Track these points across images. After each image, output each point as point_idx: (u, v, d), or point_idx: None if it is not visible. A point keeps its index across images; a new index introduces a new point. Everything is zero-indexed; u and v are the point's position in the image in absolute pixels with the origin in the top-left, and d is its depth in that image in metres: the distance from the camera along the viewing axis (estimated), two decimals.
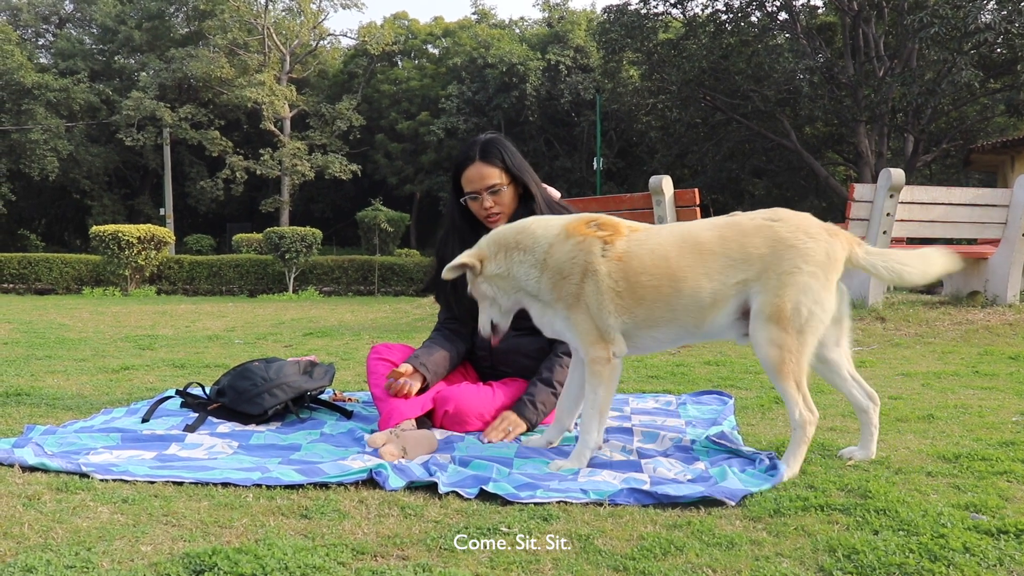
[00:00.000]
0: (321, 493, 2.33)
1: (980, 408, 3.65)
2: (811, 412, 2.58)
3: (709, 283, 2.61)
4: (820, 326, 2.58)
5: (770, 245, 2.58)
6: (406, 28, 38.34)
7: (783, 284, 2.54)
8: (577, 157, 33.50)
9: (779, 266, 2.55)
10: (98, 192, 35.71)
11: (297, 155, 32.46)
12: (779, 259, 2.56)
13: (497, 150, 3.22)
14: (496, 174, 3.20)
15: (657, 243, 2.68)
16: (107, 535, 1.97)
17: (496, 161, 3.21)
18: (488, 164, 3.20)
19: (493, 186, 3.20)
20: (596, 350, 2.68)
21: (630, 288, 2.64)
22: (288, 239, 16.55)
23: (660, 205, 7.98)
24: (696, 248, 2.64)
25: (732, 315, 2.65)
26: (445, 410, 3.15)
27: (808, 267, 2.55)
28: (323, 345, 6.59)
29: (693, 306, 2.64)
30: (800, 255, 2.56)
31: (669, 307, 2.65)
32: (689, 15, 25.32)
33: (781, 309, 2.53)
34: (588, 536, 1.99)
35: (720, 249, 2.62)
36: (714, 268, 2.62)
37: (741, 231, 2.63)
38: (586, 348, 2.69)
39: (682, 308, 2.65)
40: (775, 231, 2.60)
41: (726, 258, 2.61)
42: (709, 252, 2.63)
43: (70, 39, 37.24)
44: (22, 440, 2.85)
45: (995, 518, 2.09)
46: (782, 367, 2.54)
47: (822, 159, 26.14)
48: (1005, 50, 20.78)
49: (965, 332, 6.71)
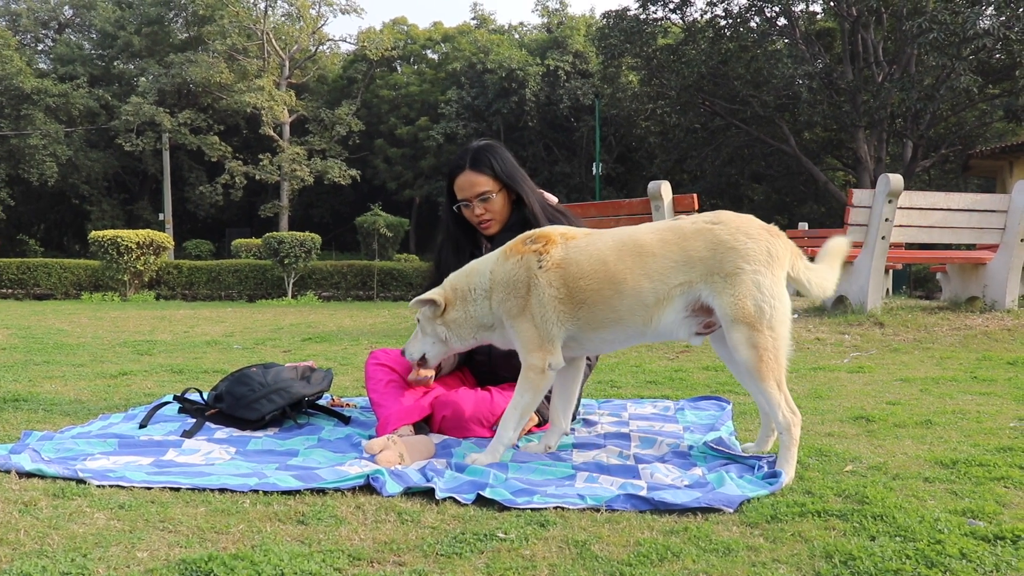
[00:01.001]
0: (318, 499, 2.33)
1: (978, 413, 3.65)
2: (794, 413, 2.60)
3: (650, 283, 2.67)
4: (786, 321, 2.63)
5: (710, 248, 2.64)
6: (405, 33, 38.41)
7: (733, 284, 2.59)
8: (576, 162, 33.55)
9: (722, 268, 2.61)
10: (97, 197, 35.73)
11: (296, 160, 32.48)
12: (720, 261, 2.61)
13: (487, 157, 3.24)
14: (486, 182, 3.21)
15: (596, 248, 2.76)
16: (103, 541, 1.97)
17: (486, 169, 3.22)
18: (478, 172, 3.21)
19: (483, 194, 3.21)
20: (534, 358, 2.77)
21: (570, 293, 2.73)
22: (287, 244, 16.55)
23: (659, 210, 7.99)
24: (636, 251, 2.71)
25: (680, 313, 2.70)
26: (443, 415, 3.15)
27: (750, 266, 2.59)
28: (322, 350, 6.59)
29: (637, 306, 2.70)
30: (740, 255, 2.61)
31: (612, 308, 2.72)
32: (688, 20, 25.39)
33: (744, 309, 2.57)
34: (585, 542, 1.99)
35: (661, 251, 2.69)
36: (654, 269, 2.68)
37: (681, 234, 2.70)
38: (525, 355, 2.79)
39: (626, 309, 2.71)
40: (715, 233, 2.66)
41: (666, 259, 2.68)
42: (649, 254, 2.70)
43: (69, 44, 37.31)
44: (19, 446, 2.84)
45: (992, 524, 2.09)
46: (761, 367, 2.57)
47: (821, 164, 26.18)
48: (1004, 56, 20.84)
49: (964, 337, 6.71)
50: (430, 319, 2.92)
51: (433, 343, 2.95)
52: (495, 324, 2.86)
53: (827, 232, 14.47)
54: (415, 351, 2.99)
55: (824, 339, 6.75)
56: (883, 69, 22.04)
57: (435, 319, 2.91)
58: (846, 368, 5.34)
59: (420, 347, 2.98)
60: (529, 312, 2.76)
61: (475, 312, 2.86)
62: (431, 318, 2.92)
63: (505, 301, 2.79)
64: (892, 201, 7.24)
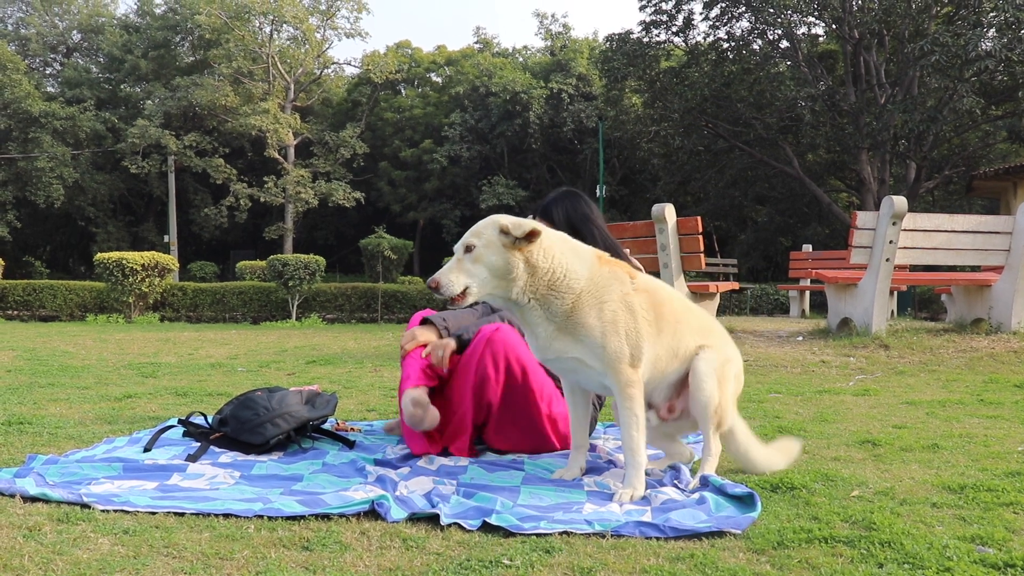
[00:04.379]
0: (323, 524, 2.32)
1: (985, 437, 3.63)
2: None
3: (691, 337, 2.87)
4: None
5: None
6: (409, 57, 38.63)
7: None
8: (580, 185, 33.59)
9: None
10: (103, 219, 35.88)
11: (301, 182, 32.60)
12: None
13: (552, 208, 3.38)
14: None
15: (662, 286, 2.89)
16: (107, 567, 1.96)
17: (547, 219, 3.32)
18: (543, 220, 3.29)
19: None
20: (629, 374, 2.66)
21: (656, 318, 2.75)
22: (291, 266, 16.57)
23: (663, 233, 8.00)
24: (685, 304, 2.92)
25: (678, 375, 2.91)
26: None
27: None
28: (326, 373, 6.58)
29: (671, 354, 2.84)
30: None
31: (670, 349, 2.81)
32: (691, 44, 25.51)
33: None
34: (590, 569, 1.98)
35: (697, 311, 2.97)
36: (694, 326, 2.89)
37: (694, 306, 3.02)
38: (615, 370, 2.65)
39: (668, 352, 2.82)
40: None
41: (697, 319, 2.94)
42: (692, 310, 2.94)
43: (77, 68, 37.60)
44: (24, 470, 2.84)
45: (1002, 551, 2.08)
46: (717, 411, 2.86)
47: (824, 186, 26.21)
48: (1006, 77, 20.89)
49: (970, 360, 6.69)
50: (501, 245, 2.57)
51: (488, 275, 2.57)
52: (527, 301, 2.62)
53: (831, 254, 14.48)
54: (455, 280, 2.54)
55: (829, 361, 6.73)
56: (886, 91, 22.10)
57: (514, 248, 2.58)
58: (851, 391, 5.32)
59: (465, 276, 2.56)
60: (623, 328, 2.64)
61: (543, 278, 2.60)
62: (507, 245, 2.57)
63: (595, 308, 2.63)
64: (896, 223, 7.24)
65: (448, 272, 2.55)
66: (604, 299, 2.65)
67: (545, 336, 2.67)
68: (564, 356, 2.68)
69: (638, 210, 30.68)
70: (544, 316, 2.64)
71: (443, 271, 2.55)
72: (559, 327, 2.64)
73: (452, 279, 2.54)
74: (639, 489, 2.63)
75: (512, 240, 2.57)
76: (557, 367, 2.79)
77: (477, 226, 2.63)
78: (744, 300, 19.70)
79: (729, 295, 19.11)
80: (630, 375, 2.66)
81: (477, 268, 2.56)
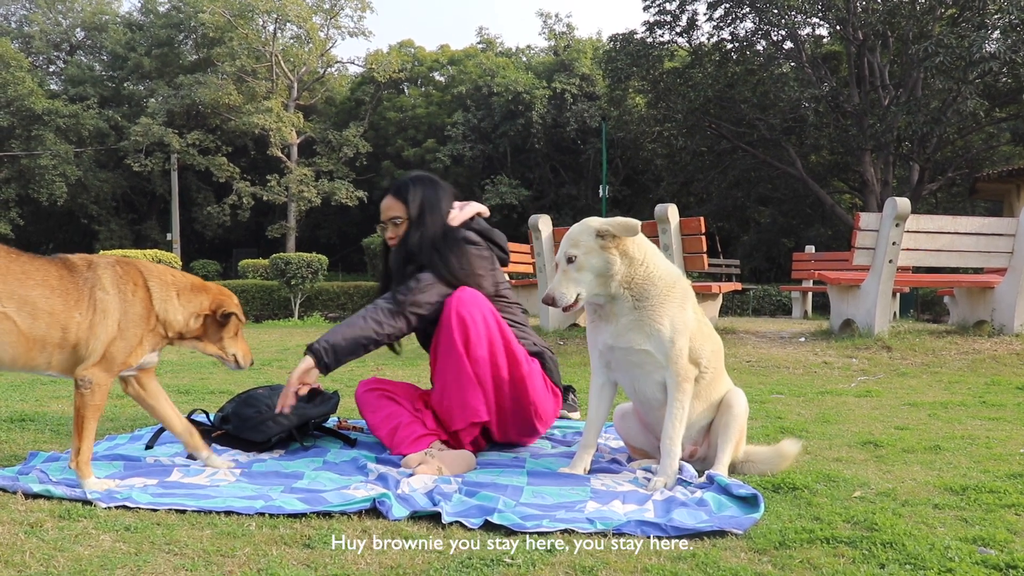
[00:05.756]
0: (324, 522, 2.31)
1: (987, 439, 3.62)
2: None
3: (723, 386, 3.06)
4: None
5: None
6: (412, 56, 38.64)
7: None
8: (583, 184, 33.63)
9: None
10: (106, 217, 35.93)
11: (304, 181, 32.64)
12: None
13: (406, 189, 3.40)
14: (398, 208, 3.38)
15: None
16: (108, 564, 1.96)
17: (400, 198, 3.39)
18: (395, 198, 3.39)
19: (393, 218, 3.40)
20: (689, 371, 2.81)
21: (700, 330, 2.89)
22: (294, 265, 16.58)
23: (666, 233, 7.99)
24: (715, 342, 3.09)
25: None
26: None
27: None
28: None
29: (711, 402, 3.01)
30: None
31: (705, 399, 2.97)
32: (695, 44, 25.50)
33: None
34: (591, 568, 1.98)
35: None
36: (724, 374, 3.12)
37: None
38: (677, 365, 2.79)
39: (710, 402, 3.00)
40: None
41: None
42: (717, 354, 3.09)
43: (80, 66, 37.65)
44: (26, 467, 2.84)
45: (1003, 552, 2.07)
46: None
47: (828, 187, 26.19)
48: (1010, 79, 20.87)
49: (972, 362, 6.68)
50: (600, 248, 2.73)
51: (594, 278, 2.74)
52: (623, 292, 2.77)
53: (834, 255, 14.47)
54: (568, 291, 2.72)
55: (831, 363, 6.72)
56: (889, 92, 22.09)
57: (610, 247, 2.73)
58: (854, 392, 5.31)
59: (574, 286, 2.73)
60: (689, 329, 2.80)
61: (639, 268, 2.77)
62: (607, 246, 2.73)
63: (676, 306, 2.79)
64: (899, 224, 7.23)
65: (559, 286, 2.72)
66: (684, 302, 2.82)
67: (625, 325, 2.80)
68: (634, 347, 2.80)
69: (641, 210, 30.65)
70: (631, 306, 2.78)
71: (554, 286, 2.73)
72: (637, 319, 2.77)
73: (564, 291, 2.72)
74: (672, 478, 2.74)
75: (610, 239, 2.72)
76: (621, 357, 2.87)
77: (573, 235, 2.76)
78: (746, 301, 19.69)
79: (731, 296, 19.11)
80: (689, 371, 2.81)
81: (583, 275, 2.73)
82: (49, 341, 2.59)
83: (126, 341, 2.69)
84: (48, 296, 2.58)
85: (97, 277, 2.67)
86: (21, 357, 2.58)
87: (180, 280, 2.87)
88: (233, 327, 2.96)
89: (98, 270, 2.69)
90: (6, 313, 2.52)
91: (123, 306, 2.69)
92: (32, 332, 2.56)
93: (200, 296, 2.88)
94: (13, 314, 2.53)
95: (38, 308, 2.56)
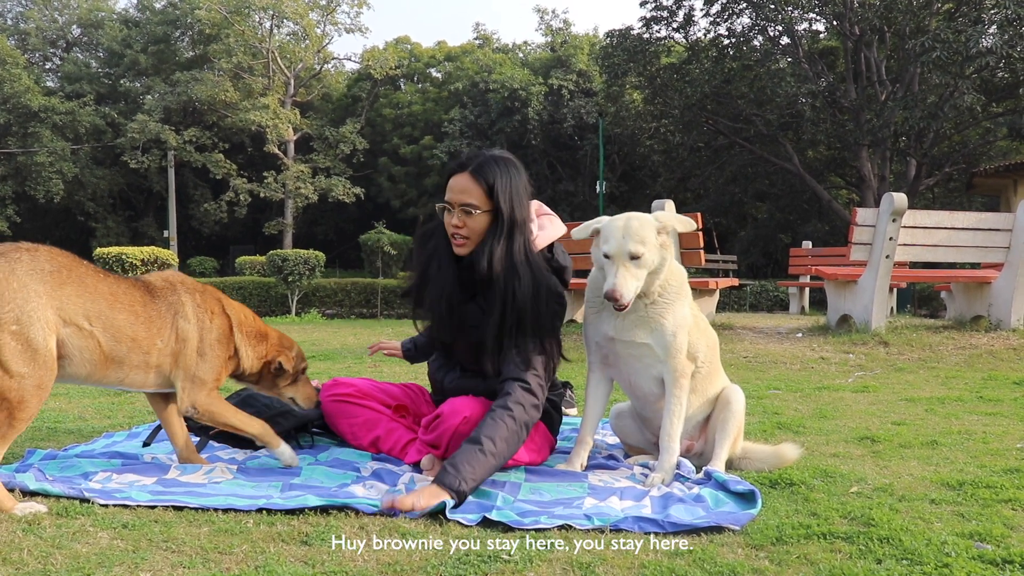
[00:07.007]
0: (322, 519, 2.32)
1: (984, 434, 3.63)
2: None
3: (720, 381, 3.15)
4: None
5: None
6: (409, 52, 38.56)
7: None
8: (580, 181, 33.60)
9: None
10: (102, 214, 35.87)
11: (301, 178, 32.59)
12: None
13: (493, 170, 2.75)
14: (477, 194, 2.74)
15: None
16: (106, 561, 1.96)
17: (482, 181, 2.74)
18: (474, 180, 2.74)
19: (467, 205, 2.74)
20: (686, 367, 2.86)
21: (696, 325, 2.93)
22: (291, 262, 16.57)
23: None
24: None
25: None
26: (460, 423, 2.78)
27: None
28: (325, 368, 6.58)
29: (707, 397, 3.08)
30: None
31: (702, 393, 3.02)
32: (691, 40, 25.46)
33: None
34: (589, 564, 1.98)
35: None
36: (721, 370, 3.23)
37: None
38: (676, 360, 2.83)
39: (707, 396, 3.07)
40: None
41: None
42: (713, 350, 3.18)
43: (76, 63, 37.56)
44: (23, 465, 2.84)
45: (1000, 547, 2.08)
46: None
47: (825, 183, 26.18)
48: (1007, 74, 20.86)
49: (969, 357, 6.70)
50: (659, 245, 2.71)
51: (647, 275, 2.72)
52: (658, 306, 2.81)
53: (831, 250, 14.47)
54: (632, 288, 2.66)
55: (828, 358, 6.73)
56: (886, 88, 22.06)
57: (666, 246, 2.75)
58: (850, 388, 5.32)
59: (635, 282, 2.67)
60: (688, 325, 2.85)
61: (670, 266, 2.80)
62: (664, 243, 2.73)
63: (682, 303, 2.85)
64: (896, 220, 7.24)
65: (624, 283, 2.63)
66: (688, 299, 2.88)
67: (632, 320, 2.81)
68: (636, 341, 2.83)
69: (638, 206, 30.56)
70: (645, 303, 2.79)
71: (619, 283, 2.62)
72: (644, 314, 2.80)
73: (630, 287, 2.65)
74: (670, 475, 2.75)
75: (664, 236, 2.73)
76: (621, 349, 2.88)
77: (636, 230, 2.67)
78: (744, 296, 19.70)
79: (729, 291, 19.11)
80: (686, 366, 2.85)
81: (641, 272, 2.68)
82: (127, 363, 2.64)
83: (209, 363, 2.78)
84: (133, 323, 2.63)
85: (181, 303, 2.75)
86: (96, 374, 2.61)
87: (250, 323, 2.95)
88: (288, 377, 3.03)
89: (181, 295, 2.77)
90: (92, 333, 2.55)
91: (200, 332, 2.76)
92: (113, 353, 2.60)
93: (262, 344, 2.96)
94: (99, 335, 2.56)
95: (122, 332, 2.60)
